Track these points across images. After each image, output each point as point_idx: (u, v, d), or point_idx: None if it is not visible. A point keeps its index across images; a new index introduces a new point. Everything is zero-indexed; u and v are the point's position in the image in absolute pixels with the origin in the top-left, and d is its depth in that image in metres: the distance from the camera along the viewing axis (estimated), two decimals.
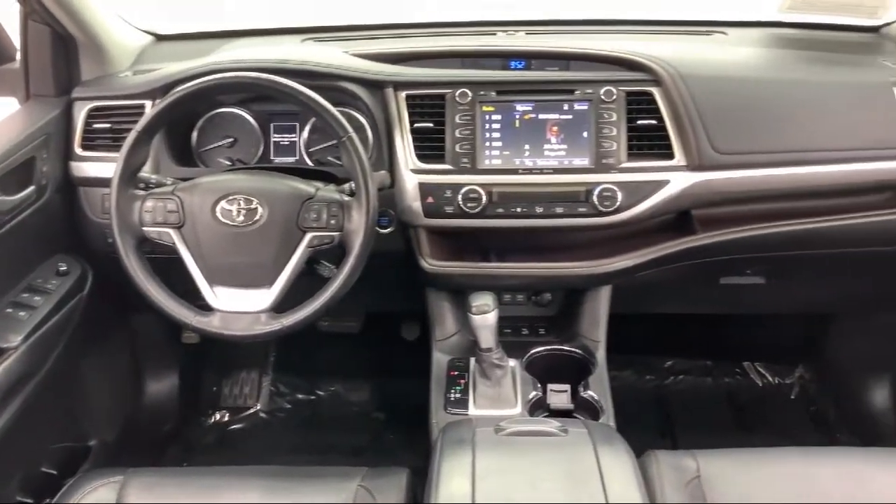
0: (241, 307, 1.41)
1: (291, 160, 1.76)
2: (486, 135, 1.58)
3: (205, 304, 1.42)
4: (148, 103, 1.66)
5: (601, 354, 1.70)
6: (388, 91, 1.62)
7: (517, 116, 1.59)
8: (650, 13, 2.08)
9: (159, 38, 2.04)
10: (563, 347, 1.73)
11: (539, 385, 1.60)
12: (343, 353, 2.52)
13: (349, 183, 1.44)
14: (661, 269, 1.66)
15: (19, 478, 1.67)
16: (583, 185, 1.55)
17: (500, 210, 1.57)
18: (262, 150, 1.76)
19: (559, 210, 1.57)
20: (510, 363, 1.60)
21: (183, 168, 1.68)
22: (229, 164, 1.75)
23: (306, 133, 1.75)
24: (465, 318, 1.62)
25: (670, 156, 1.56)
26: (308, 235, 1.40)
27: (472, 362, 1.63)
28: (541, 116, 1.58)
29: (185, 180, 1.47)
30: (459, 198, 1.56)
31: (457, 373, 1.65)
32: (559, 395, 1.59)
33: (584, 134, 1.57)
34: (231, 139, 1.75)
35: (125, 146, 1.41)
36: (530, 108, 1.59)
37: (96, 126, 1.70)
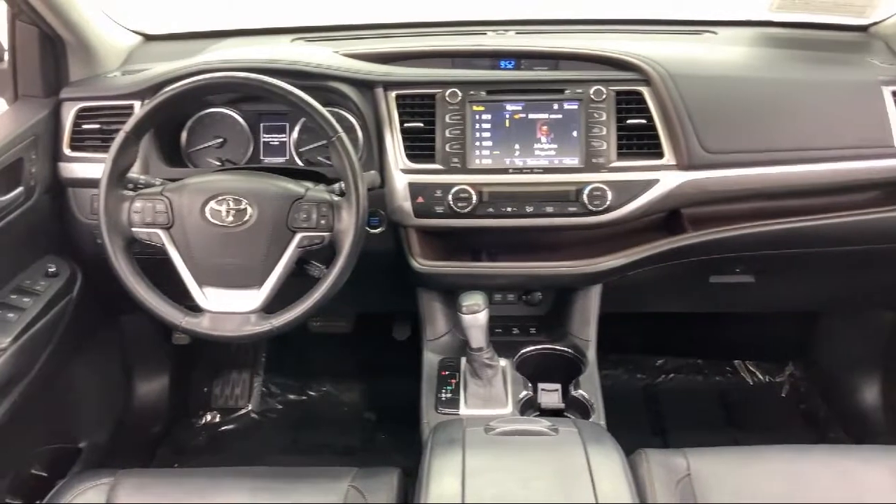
0: (230, 308, 1.40)
1: (281, 160, 1.76)
2: (477, 134, 1.58)
3: (194, 305, 1.42)
4: (137, 104, 1.65)
5: (592, 353, 1.70)
6: (378, 91, 1.62)
7: (507, 116, 1.59)
8: (640, 13, 2.09)
9: (148, 38, 2.03)
10: (554, 347, 1.73)
11: (530, 384, 1.60)
12: (334, 354, 2.52)
13: (339, 183, 1.43)
14: (652, 268, 1.66)
15: (9, 480, 1.66)
16: (573, 185, 1.56)
17: (491, 210, 1.57)
18: (251, 150, 1.75)
19: (549, 209, 1.57)
20: (501, 363, 1.60)
21: (172, 168, 1.67)
22: (219, 164, 1.75)
23: (296, 133, 1.75)
24: (455, 317, 1.63)
25: (660, 155, 1.56)
26: (298, 236, 1.40)
27: (463, 362, 1.63)
28: (531, 116, 1.58)
29: (174, 181, 1.46)
30: (450, 197, 1.56)
31: (448, 372, 1.65)
32: (550, 395, 1.59)
33: (574, 133, 1.57)
34: (220, 139, 1.75)
35: (114, 147, 1.40)
36: (520, 108, 1.59)
37: (85, 127, 1.69)
